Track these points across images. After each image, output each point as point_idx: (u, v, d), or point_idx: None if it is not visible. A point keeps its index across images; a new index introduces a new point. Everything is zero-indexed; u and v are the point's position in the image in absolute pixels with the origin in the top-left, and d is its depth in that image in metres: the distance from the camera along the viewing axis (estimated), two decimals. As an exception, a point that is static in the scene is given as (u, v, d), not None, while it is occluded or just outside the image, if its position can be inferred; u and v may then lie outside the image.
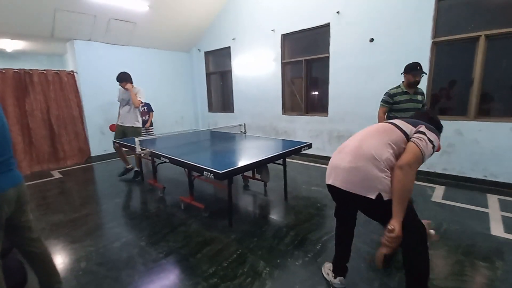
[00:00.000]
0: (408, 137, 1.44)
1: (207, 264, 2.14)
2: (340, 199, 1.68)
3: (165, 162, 2.98)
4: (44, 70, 5.13)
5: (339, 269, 1.82)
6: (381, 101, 2.95)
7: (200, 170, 2.37)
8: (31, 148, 5.05)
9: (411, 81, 2.77)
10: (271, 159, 2.80)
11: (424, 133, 1.41)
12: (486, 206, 2.99)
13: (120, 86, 4.25)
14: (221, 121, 7.14)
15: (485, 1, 3.38)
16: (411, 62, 2.79)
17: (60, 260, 2.27)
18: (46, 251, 1.71)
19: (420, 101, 2.89)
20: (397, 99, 2.86)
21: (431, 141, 1.38)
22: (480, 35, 3.37)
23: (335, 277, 1.83)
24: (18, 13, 4.49)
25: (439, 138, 1.46)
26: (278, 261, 2.15)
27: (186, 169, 2.98)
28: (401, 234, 1.29)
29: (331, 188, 1.60)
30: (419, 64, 2.74)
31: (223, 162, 2.65)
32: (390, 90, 2.92)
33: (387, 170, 1.37)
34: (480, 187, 3.55)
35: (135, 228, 2.77)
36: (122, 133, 4.27)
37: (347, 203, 1.67)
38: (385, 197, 1.35)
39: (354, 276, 1.93)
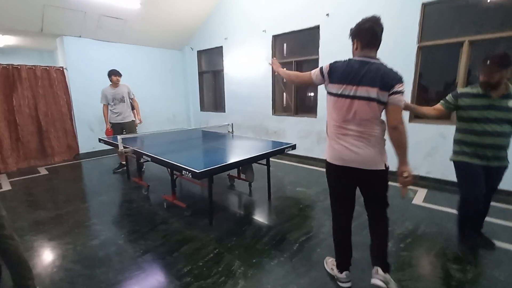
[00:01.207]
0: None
1: (183, 262, 2.15)
2: (350, 181, 1.75)
3: (147, 160, 2.98)
4: (33, 65, 5.09)
5: (344, 265, 1.87)
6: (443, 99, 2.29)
7: (179, 169, 2.37)
8: (18, 145, 5.01)
9: (483, 81, 1.96)
10: (253, 159, 2.82)
11: (402, 93, 1.60)
12: (465, 209, 3.03)
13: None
14: (213, 120, 7.14)
15: (470, 8, 3.43)
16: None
17: (36, 257, 2.26)
18: (18, 248, 1.71)
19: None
20: (465, 102, 2.08)
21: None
22: (464, 41, 3.42)
23: (340, 272, 1.87)
24: (8, 8, 4.46)
25: None
26: (254, 260, 2.17)
27: (168, 168, 2.98)
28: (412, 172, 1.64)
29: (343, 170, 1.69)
30: (502, 56, 1.88)
31: (203, 161, 2.66)
32: (461, 88, 2.26)
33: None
34: (462, 190, 3.59)
35: (116, 226, 2.77)
36: (121, 129, 4.42)
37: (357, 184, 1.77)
38: (387, 164, 1.69)
39: (358, 268, 1.93)
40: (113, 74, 4.38)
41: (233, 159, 2.68)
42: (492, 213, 2.93)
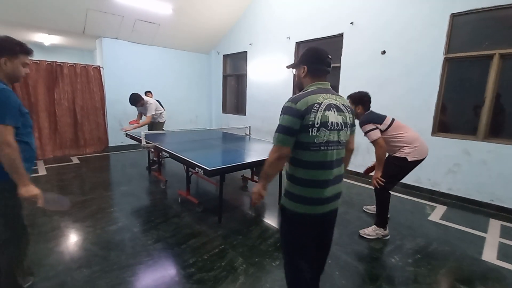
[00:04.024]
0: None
1: (189, 254, 2.27)
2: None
3: (166, 156, 3.17)
4: (74, 63, 5.58)
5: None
6: None
7: (193, 166, 2.51)
8: (55, 134, 5.50)
9: None
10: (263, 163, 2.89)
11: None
12: (485, 231, 2.87)
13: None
14: (233, 122, 7.31)
15: (501, 19, 3.27)
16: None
17: (61, 236, 2.50)
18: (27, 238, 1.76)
19: None
20: None
21: None
22: (495, 54, 3.26)
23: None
24: (54, 11, 4.96)
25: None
26: (256, 259, 2.23)
27: (184, 165, 3.14)
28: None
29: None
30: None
31: (216, 160, 2.78)
32: None
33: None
34: (485, 211, 3.40)
35: (133, 215, 2.97)
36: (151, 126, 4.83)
37: None
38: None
39: (328, 283, 1.96)
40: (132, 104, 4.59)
41: (245, 160, 2.78)
42: None
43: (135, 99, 4.41)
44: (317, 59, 1.41)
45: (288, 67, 1.64)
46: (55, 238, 2.46)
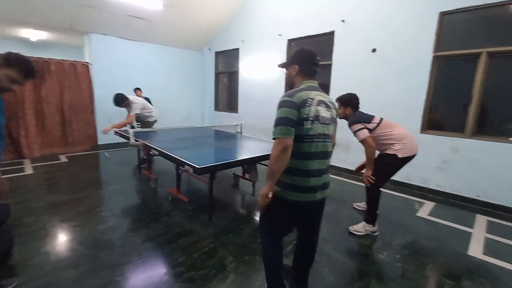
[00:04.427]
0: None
1: (179, 253, 2.25)
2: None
3: (156, 155, 3.13)
4: (62, 60, 5.45)
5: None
6: None
7: (183, 164, 2.49)
8: (43, 132, 5.37)
9: None
10: (255, 159, 2.89)
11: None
12: (471, 226, 2.93)
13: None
14: (226, 120, 7.28)
15: (489, 18, 3.32)
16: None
17: (47, 236, 2.44)
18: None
19: None
20: None
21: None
22: (482, 52, 3.32)
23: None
24: (41, 5, 4.82)
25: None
26: (246, 258, 2.23)
27: (174, 163, 3.10)
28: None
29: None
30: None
31: (205, 158, 2.76)
32: None
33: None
34: (472, 206, 3.47)
35: (122, 214, 2.93)
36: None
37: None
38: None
39: (317, 280, 1.98)
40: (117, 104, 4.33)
41: (235, 158, 2.76)
42: (500, 232, 2.83)
43: (119, 100, 4.14)
44: (308, 60, 1.53)
45: (280, 66, 1.72)
46: (42, 238, 2.41)
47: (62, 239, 2.42)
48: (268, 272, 1.66)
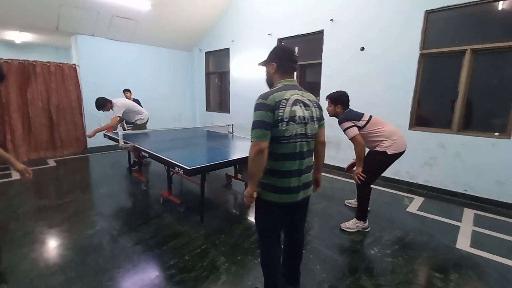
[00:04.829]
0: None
1: (170, 255, 2.23)
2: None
3: (146, 157, 3.09)
4: (47, 62, 5.33)
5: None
6: None
7: (173, 166, 2.46)
8: (29, 136, 5.25)
9: None
10: (246, 159, 2.88)
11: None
12: (459, 220, 2.99)
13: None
14: (217, 120, 7.25)
15: (473, 16, 3.40)
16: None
17: (35, 242, 2.39)
18: None
19: None
20: None
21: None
22: (467, 49, 3.39)
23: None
24: (25, 6, 4.70)
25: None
26: (239, 257, 2.22)
27: (165, 165, 3.07)
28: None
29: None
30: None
31: (196, 159, 2.74)
32: None
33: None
34: (460, 200, 3.55)
35: (112, 218, 2.88)
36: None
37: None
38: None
39: (309, 277, 1.99)
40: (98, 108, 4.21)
41: (226, 158, 2.76)
42: (486, 225, 2.91)
43: (98, 104, 4.00)
44: (285, 57, 1.51)
45: (259, 64, 1.71)
46: (29, 244, 2.35)
47: (50, 245, 2.37)
48: (265, 272, 1.64)
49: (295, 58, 1.51)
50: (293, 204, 1.51)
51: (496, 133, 3.30)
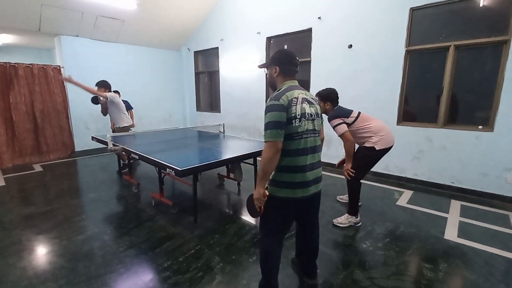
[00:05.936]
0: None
1: (164, 258, 2.21)
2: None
3: (136, 159, 3.05)
4: (30, 64, 5.17)
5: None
6: None
7: (164, 167, 2.44)
8: (14, 141, 5.09)
9: None
10: (238, 158, 2.89)
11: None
12: (447, 211, 3.09)
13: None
14: (208, 120, 7.21)
15: (456, 12, 3.49)
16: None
17: (23, 250, 2.32)
18: None
19: None
20: None
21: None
22: (450, 45, 3.48)
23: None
24: (5, 7, 4.54)
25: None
26: (233, 257, 2.22)
27: (156, 167, 3.04)
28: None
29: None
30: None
31: (187, 159, 2.72)
32: None
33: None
34: (447, 193, 3.65)
35: (103, 222, 2.83)
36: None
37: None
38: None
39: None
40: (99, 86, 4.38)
41: (218, 157, 2.75)
42: (472, 215, 3.00)
43: (102, 82, 4.39)
44: (287, 61, 1.59)
45: (260, 66, 1.77)
46: (16, 253, 2.29)
47: (39, 252, 2.31)
48: (263, 268, 1.68)
49: (296, 62, 1.61)
50: (304, 199, 1.55)
51: (480, 126, 3.41)
